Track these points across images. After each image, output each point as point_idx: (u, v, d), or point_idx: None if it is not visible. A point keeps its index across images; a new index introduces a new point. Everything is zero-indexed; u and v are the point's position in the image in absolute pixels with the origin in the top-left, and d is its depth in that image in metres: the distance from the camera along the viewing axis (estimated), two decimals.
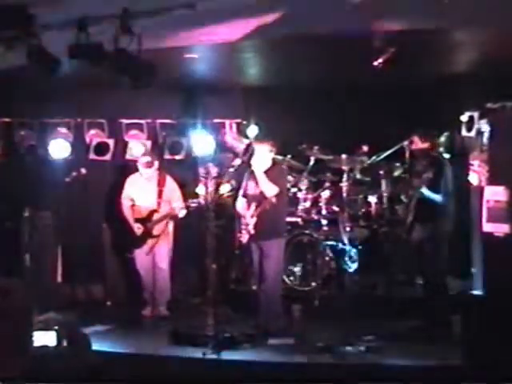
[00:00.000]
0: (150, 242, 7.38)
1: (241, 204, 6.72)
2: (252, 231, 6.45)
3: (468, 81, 7.61)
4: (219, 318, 6.12)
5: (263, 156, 6.53)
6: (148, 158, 7.48)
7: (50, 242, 7.96)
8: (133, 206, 7.55)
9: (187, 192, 7.70)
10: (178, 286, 7.91)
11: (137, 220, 7.48)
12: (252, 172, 6.58)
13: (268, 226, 6.43)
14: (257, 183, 6.52)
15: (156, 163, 7.51)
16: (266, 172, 6.50)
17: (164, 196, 7.45)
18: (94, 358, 2.36)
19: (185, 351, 5.89)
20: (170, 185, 7.53)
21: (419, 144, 6.75)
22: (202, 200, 7.10)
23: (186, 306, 7.71)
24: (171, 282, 7.52)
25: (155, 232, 7.38)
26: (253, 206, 6.51)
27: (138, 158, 7.68)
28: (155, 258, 7.41)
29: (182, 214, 7.34)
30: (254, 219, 6.44)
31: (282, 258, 6.70)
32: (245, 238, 6.55)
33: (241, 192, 6.75)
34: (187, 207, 7.28)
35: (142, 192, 7.50)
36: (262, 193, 6.47)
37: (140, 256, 7.48)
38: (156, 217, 7.40)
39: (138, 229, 7.43)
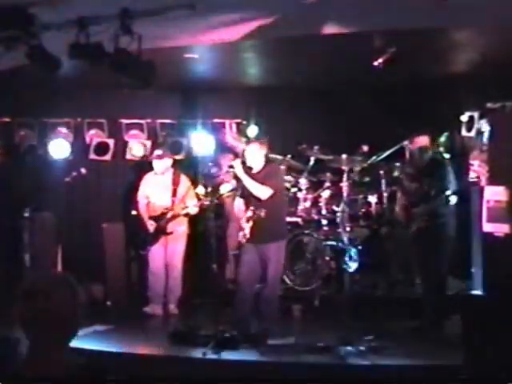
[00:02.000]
0: (163, 239, 7.46)
1: (239, 204, 6.63)
2: (248, 236, 6.37)
3: (468, 81, 7.61)
4: (219, 318, 6.12)
5: (254, 156, 6.40)
6: (159, 151, 7.59)
7: (50, 241, 7.96)
8: (148, 204, 7.64)
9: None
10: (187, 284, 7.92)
11: (151, 218, 7.55)
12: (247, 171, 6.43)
13: (266, 228, 6.27)
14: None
15: (168, 159, 7.59)
16: (258, 172, 6.41)
17: (178, 194, 7.52)
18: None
19: (185, 351, 5.89)
20: (185, 183, 7.60)
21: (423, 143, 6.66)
22: (214, 199, 7.05)
23: (186, 306, 7.71)
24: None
25: (169, 230, 7.47)
26: (250, 209, 6.43)
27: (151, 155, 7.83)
28: (170, 255, 7.52)
29: (194, 211, 7.38)
30: (250, 224, 6.35)
31: (283, 260, 6.58)
32: (241, 240, 6.50)
33: (238, 192, 6.61)
34: (201, 205, 7.29)
35: (157, 190, 7.59)
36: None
37: (153, 253, 7.53)
38: (170, 215, 7.46)
39: (151, 226, 7.50)
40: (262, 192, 6.30)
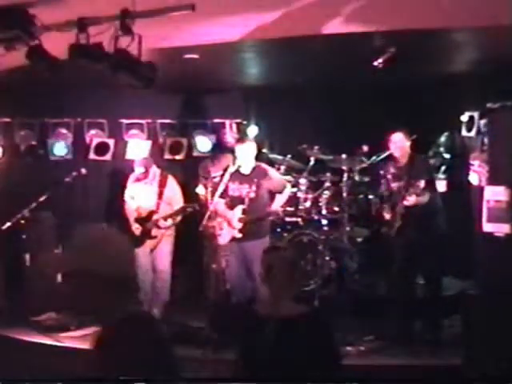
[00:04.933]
0: (148, 242, 7.32)
1: (221, 205, 6.60)
2: (238, 235, 6.38)
3: (468, 81, 7.61)
4: (218, 318, 6.12)
5: (246, 156, 6.45)
6: (142, 169, 7.39)
7: (50, 242, 7.96)
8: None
9: (186, 193, 7.67)
10: (178, 286, 7.89)
11: (136, 220, 7.42)
12: (236, 172, 6.50)
13: (251, 227, 6.40)
14: (240, 183, 6.46)
15: (152, 169, 7.43)
16: (248, 174, 6.43)
17: (164, 197, 7.34)
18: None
19: (185, 351, 5.88)
20: (172, 186, 7.42)
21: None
22: (197, 206, 7.01)
23: (186, 306, 7.69)
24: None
25: (154, 233, 7.30)
26: (238, 209, 6.42)
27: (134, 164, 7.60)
28: (155, 259, 7.36)
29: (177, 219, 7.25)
30: (242, 224, 6.36)
31: None
32: (225, 238, 6.50)
33: (218, 193, 6.46)
34: (185, 210, 7.19)
35: (142, 192, 7.45)
36: (247, 195, 6.40)
37: (138, 256, 7.43)
38: (155, 218, 7.31)
39: (136, 229, 7.36)
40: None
